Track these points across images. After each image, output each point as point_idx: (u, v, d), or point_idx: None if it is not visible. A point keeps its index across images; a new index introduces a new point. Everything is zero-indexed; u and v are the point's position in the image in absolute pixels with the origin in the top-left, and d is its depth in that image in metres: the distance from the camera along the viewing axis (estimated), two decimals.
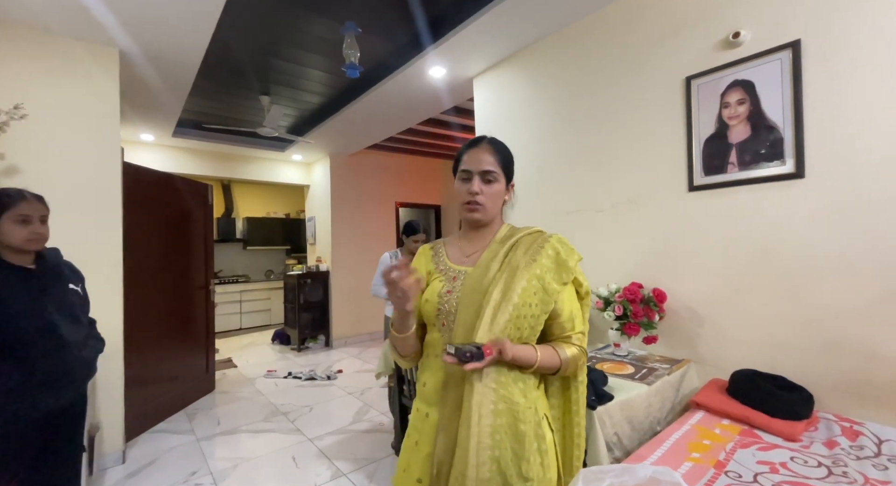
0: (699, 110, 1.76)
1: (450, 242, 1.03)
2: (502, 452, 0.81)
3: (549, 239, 0.93)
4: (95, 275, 2.32)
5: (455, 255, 0.99)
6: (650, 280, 1.92)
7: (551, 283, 0.88)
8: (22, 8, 1.99)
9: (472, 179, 0.91)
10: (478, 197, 0.91)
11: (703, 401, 1.53)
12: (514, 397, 0.84)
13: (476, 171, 0.91)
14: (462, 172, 0.93)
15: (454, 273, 0.94)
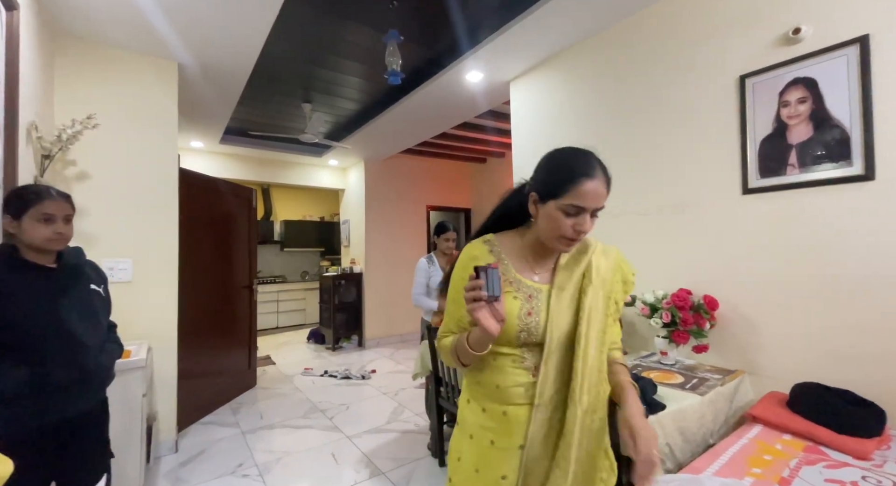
0: (755, 110, 1.69)
1: (508, 248, 0.91)
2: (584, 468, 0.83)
3: (614, 255, 0.93)
4: (155, 273, 2.49)
5: (521, 268, 0.89)
6: (699, 287, 1.85)
7: (620, 301, 0.91)
8: (96, 27, 2.16)
9: (584, 215, 0.80)
10: (582, 235, 0.82)
11: (761, 414, 1.46)
12: (598, 422, 0.85)
13: (592, 207, 0.79)
14: (570, 206, 0.79)
15: (529, 291, 0.86)
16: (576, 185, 0.78)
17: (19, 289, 1.13)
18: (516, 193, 0.95)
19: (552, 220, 0.81)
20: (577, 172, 0.80)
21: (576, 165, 0.81)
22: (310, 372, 4.18)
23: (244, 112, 3.88)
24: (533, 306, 0.85)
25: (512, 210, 0.94)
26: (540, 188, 0.84)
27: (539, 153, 0.91)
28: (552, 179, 0.82)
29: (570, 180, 0.79)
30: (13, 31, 1.50)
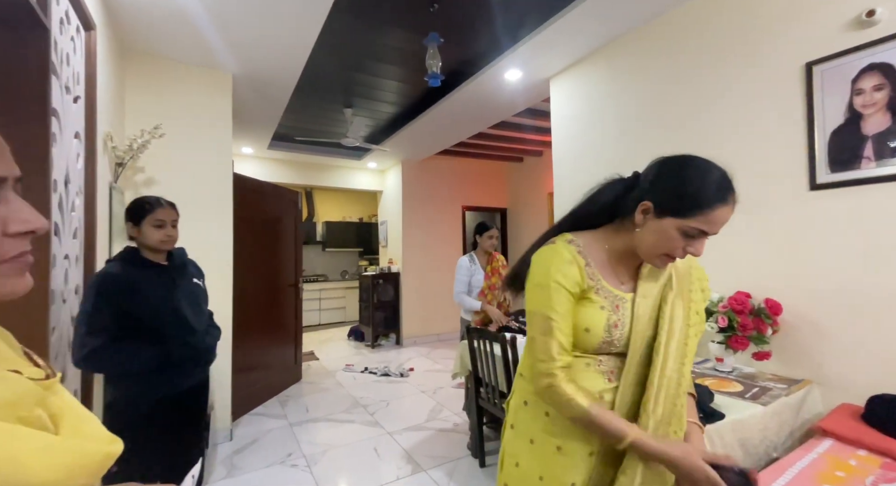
0: (823, 99, 1.57)
1: (591, 250, 0.83)
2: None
3: (688, 261, 0.88)
4: (212, 271, 2.65)
5: (609, 277, 0.83)
6: (760, 290, 1.74)
7: (702, 311, 0.87)
8: (160, 43, 2.34)
9: (703, 240, 0.74)
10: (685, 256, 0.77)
11: (832, 428, 1.35)
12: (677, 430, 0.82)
13: (714, 232, 0.73)
14: (694, 230, 0.72)
15: (615, 300, 0.81)
16: (710, 209, 0.71)
17: (144, 283, 1.34)
18: (609, 188, 0.86)
19: (664, 237, 0.74)
20: (714, 195, 0.71)
21: (714, 187, 0.72)
22: (351, 368, 4.30)
23: (290, 119, 4.06)
24: (619, 318, 0.80)
25: (601, 207, 0.85)
26: (661, 200, 0.75)
27: (581, 151, 0.90)
28: (682, 195, 0.73)
29: (704, 203, 0.71)
30: (91, 50, 1.65)
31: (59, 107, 1.35)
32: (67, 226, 1.41)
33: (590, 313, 0.79)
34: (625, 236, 0.82)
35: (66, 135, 1.42)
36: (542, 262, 0.82)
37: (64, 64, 1.39)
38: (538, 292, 0.81)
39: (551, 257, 0.81)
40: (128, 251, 1.40)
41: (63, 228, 1.37)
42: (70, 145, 1.46)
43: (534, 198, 5.64)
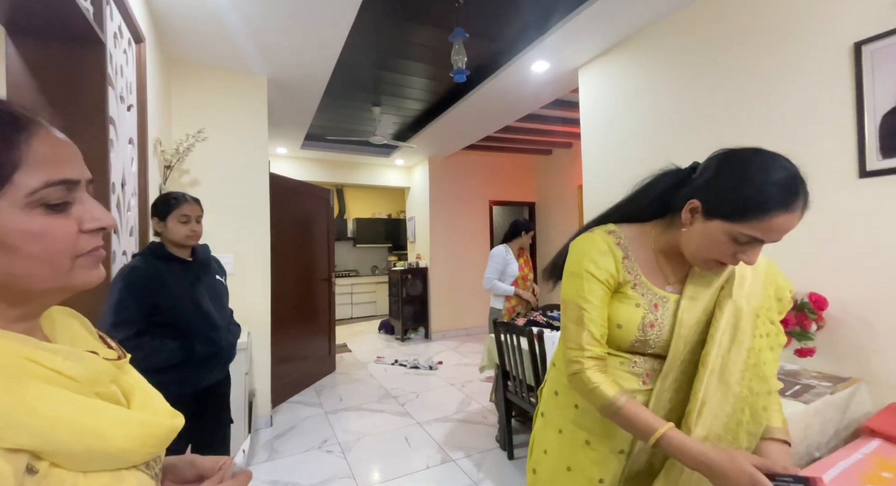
0: (874, 80, 1.47)
1: (636, 245, 0.80)
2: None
3: (764, 267, 0.80)
4: (251, 267, 2.80)
5: (652, 274, 0.79)
6: (804, 284, 1.66)
7: (777, 323, 0.78)
8: (200, 51, 2.47)
9: (757, 248, 0.67)
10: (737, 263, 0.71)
11: (880, 427, 1.28)
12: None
13: (773, 241, 0.66)
14: (745, 236, 0.66)
15: (654, 299, 0.77)
16: (767, 216, 0.63)
17: (168, 277, 1.36)
18: (661, 180, 0.80)
19: (711, 241, 0.68)
20: (775, 200, 0.63)
21: (775, 189, 0.63)
22: (382, 360, 4.42)
23: (321, 119, 4.18)
24: (657, 318, 0.76)
25: (651, 200, 0.80)
26: (710, 199, 0.68)
27: (611, 142, 0.86)
28: (736, 197, 0.65)
29: (761, 209, 0.63)
30: (142, 61, 1.78)
31: (115, 115, 1.47)
32: (125, 225, 1.54)
33: (624, 308, 0.76)
34: (674, 234, 0.76)
35: (122, 141, 1.54)
36: (576, 251, 0.80)
37: (118, 75, 1.51)
38: (571, 280, 0.79)
39: (586, 246, 0.79)
40: (153, 246, 1.41)
41: (121, 227, 1.50)
42: (125, 150, 1.59)
43: (563, 191, 5.55)
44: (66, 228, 0.40)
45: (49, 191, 0.38)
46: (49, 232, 0.39)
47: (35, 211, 0.38)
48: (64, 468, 0.36)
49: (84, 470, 0.37)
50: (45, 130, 0.40)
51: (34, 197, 0.37)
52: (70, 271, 0.41)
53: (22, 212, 0.37)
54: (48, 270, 0.39)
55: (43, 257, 0.38)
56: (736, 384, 0.72)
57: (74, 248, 0.41)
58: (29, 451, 0.34)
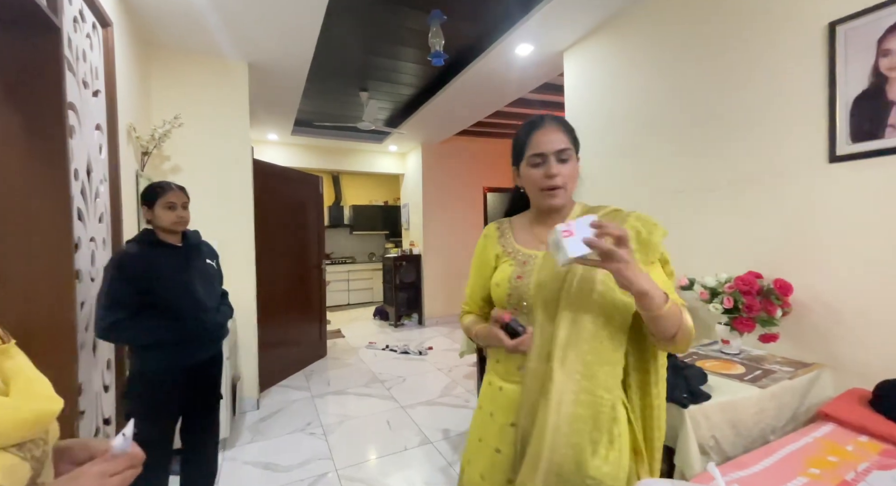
0: (847, 62, 1.43)
1: (519, 225, 0.99)
2: (580, 440, 0.78)
3: (627, 218, 0.86)
4: (235, 253, 2.81)
5: (526, 239, 0.95)
6: (774, 270, 1.65)
7: (648, 268, 0.82)
8: (178, 37, 2.44)
9: (548, 161, 0.85)
10: (557, 179, 0.85)
11: (834, 412, 1.29)
12: (597, 391, 0.80)
13: (550, 152, 0.85)
14: (533, 157, 0.87)
15: (524, 257, 0.91)
16: (529, 138, 0.88)
17: (159, 262, 1.44)
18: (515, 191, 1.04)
19: (528, 178, 0.90)
20: (527, 128, 0.90)
21: (527, 125, 0.91)
22: (373, 346, 4.48)
23: (309, 104, 4.14)
24: (524, 271, 0.89)
25: (519, 197, 1.02)
26: (513, 160, 0.95)
27: (594, 127, 0.93)
28: (516, 145, 0.93)
29: (525, 137, 0.90)
30: (109, 46, 1.77)
31: (77, 101, 1.46)
32: (92, 211, 1.55)
33: (500, 271, 0.94)
34: (532, 202, 0.97)
35: (87, 127, 1.54)
36: (478, 242, 1.06)
37: (80, 60, 1.50)
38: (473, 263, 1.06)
39: (480, 239, 1.04)
40: (145, 233, 1.50)
41: (87, 214, 1.51)
42: (91, 137, 1.59)
43: None
44: None
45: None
46: None
47: None
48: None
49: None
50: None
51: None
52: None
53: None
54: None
55: None
56: (590, 323, 0.81)
57: None
58: None
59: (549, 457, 0.78)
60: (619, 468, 0.80)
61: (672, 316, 0.73)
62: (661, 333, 0.75)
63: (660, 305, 0.71)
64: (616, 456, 0.80)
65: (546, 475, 0.78)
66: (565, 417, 0.78)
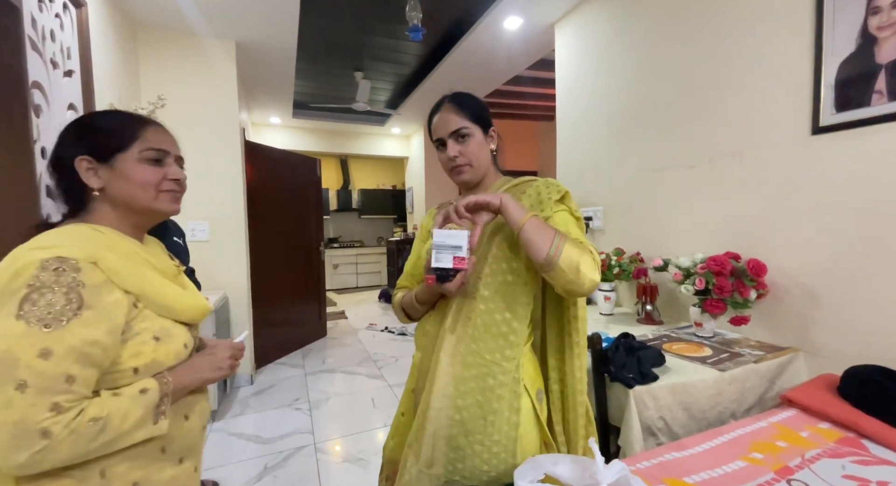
0: (834, 24, 1.31)
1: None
2: (466, 403, 0.80)
3: (532, 183, 0.89)
4: (227, 233, 2.87)
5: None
6: (752, 250, 1.57)
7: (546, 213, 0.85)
8: (163, 15, 2.46)
9: (447, 143, 0.90)
10: (458, 159, 0.89)
11: (798, 398, 1.23)
12: (485, 354, 0.82)
13: (446, 135, 0.90)
14: (436, 142, 0.92)
15: None
16: (431, 125, 0.94)
17: None
18: None
19: (440, 162, 0.94)
20: (430, 115, 0.94)
21: (430, 111, 0.94)
22: (373, 327, 4.55)
23: (306, 86, 4.14)
24: None
25: None
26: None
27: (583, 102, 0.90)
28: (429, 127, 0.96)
29: (429, 124, 0.94)
30: (83, 25, 1.79)
31: (45, 80, 1.49)
32: None
33: (426, 244, 0.97)
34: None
35: (56, 107, 1.58)
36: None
37: (48, 40, 1.53)
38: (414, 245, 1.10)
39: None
40: None
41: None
42: (63, 116, 1.63)
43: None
44: (156, 174, 0.72)
45: (149, 152, 0.71)
46: (146, 174, 0.70)
47: (143, 162, 0.71)
48: (149, 311, 0.68)
49: (159, 315, 0.69)
50: (154, 126, 0.74)
51: (142, 155, 0.70)
52: (155, 198, 0.72)
53: (136, 162, 0.70)
54: (144, 194, 0.71)
55: (142, 186, 0.70)
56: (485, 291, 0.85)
57: (159, 184, 0.72)
58: (133, 294, 0.66)
59: (436, 418, 0.79)
60: (513, 440, 0.79)
61: (535, 235, 0.74)
62: (532, 254, 0.75)
63: (516, 220, 0.75)
64: (510, 431, 0.79)
65: (434, 438, 0.79)
66: (451, 378, 0.82)
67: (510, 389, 0.81)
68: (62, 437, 0.54)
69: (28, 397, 0.53)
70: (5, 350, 0.54)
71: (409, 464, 0.84)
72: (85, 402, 0.58)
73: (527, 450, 0.81)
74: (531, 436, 0.83)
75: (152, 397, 0.63)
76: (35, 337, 0.54)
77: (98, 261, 0.61)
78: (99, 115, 0.74)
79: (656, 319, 1.87)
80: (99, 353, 0.59)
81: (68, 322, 0.56)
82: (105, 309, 0.60)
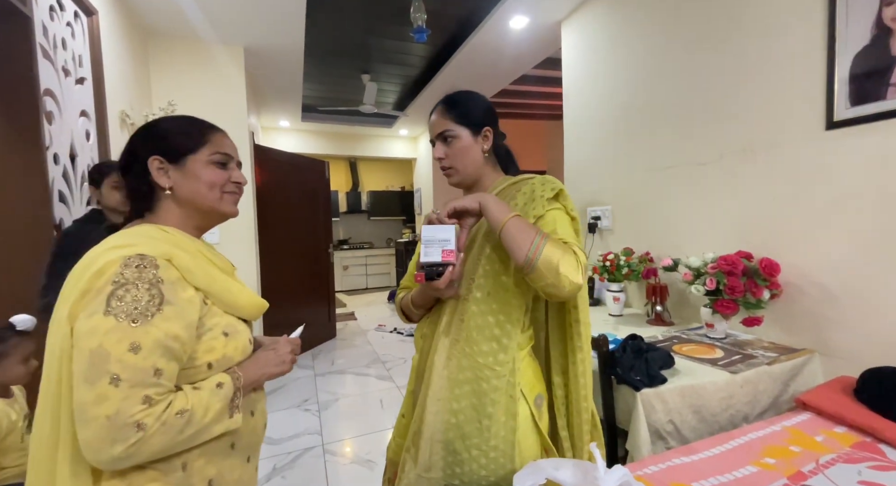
0: (848, 16, 1.27)
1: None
2: (461, 406, 0.80)
3: (528, 181, 0.87)
4: (236, 235, 2.91)
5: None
6: (765, 249, 1.53)
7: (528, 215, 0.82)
8: (173, 23, 2.50)
9: (435, 145, 0.91)
10: (443, 162, 0.90)
11: (812, 401, 1.19)
12: (478, 357, 0.81)
13: (434, 137, 0.91)
14: (430, 144, 0.94)
15: None
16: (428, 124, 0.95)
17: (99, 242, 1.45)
18: None
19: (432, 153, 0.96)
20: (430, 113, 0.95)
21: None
22: (382, 328, 4.56)
23: (314, 89, 4.18)
24: None
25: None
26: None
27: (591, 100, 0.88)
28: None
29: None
30: (94, 34, 1.83)
31: (57, 88, 1.53)
32: (76, 195, 1.64)
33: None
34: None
35: (69, 113, 1.62)
36: None
37: (59, 48, 1.57)
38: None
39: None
40: (91, 213, 1.46)
41: (71, 197, 1.59)
42: (75, 123, 1.66)
43: None
44: (222, 175, 0.74)
45: (216, 156, 0.73)
46: (214, 175, 0.73)
47: (210, 165, 0.73)
48: (216, 307, 0.70)
49: (225, 311, 0.72)
50: (221, 132, 0.77)
51: (211, 158, 0.73)
52: (220, 199, 0.74)
53: (205, 164, 0.72)
54: (211, 194, 0.73)
55: (209, 186, 0.72)
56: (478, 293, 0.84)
57: (224, 186, 0.74)
58: (203, 291, 0.68)
59: (432, 422, 0.79)
60: (510, 445, 0.78)
61: (515, 236, 0.72)
62: (512, 256, 0.74)
63: (497, 220, 0.74)
64: (508, 435, 0.78)
65: (431, 442, 0.78)
66: (446, 381, 0.81)
67: (505, 393, 0.79)
68: (154, 429, 0.56)
69: (122, 391, 0.54)
70: (98, 346, 0.55)
71: (407, 468, 0.84)
72: (171, 395, 0.60)
73: (525, 456, 0.80)
74: (530, 442, 0.81)
75: (227, 391, 0.65)
76: (124, 332, 0.56)
77: (172, 258, 0.63)
78: (170, 119, 0.76)
79: (666, 320, 1.83)
80: (179, 347, 0.61)
81: (153, 317, 0.58)
82: (182, 305, 0.62)
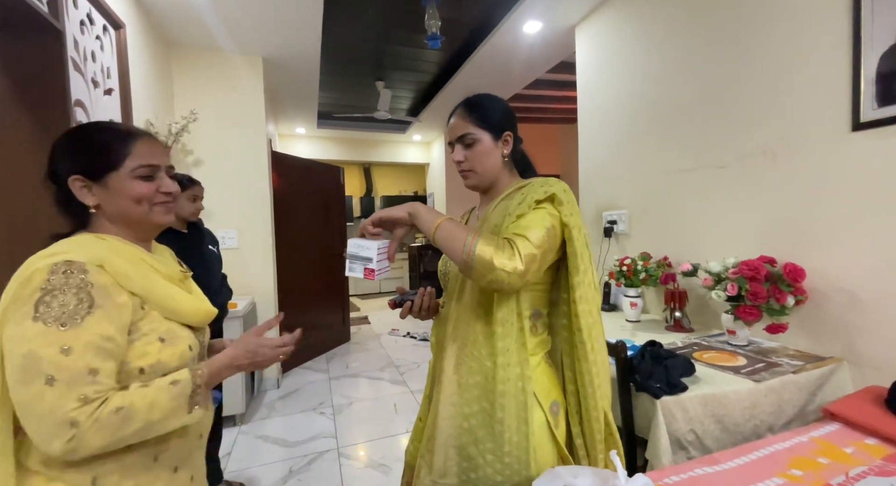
0: (873, 15, 1.24)
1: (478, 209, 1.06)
2: (473, 410, 0.80)
3: (530, 184, 0.86)
4: (254, 240, 2.97)
5: (472, 221, 1.04)
6: (788, 254, 1.49)
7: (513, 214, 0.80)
8: (194, 35, 2.58)
9: (455, 149, 0.92)
10: (462, 165, 0.91)
11: (841, 411, 1.15)
12: (484, 361, 0.81)
13: (453, 139, 0.92)
14: (448, 147, 0.96)
15: None
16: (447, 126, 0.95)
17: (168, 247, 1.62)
18: None
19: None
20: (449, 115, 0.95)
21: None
22: (395, 333, 4.58)
23: (330, 97, 4.24)
24: None
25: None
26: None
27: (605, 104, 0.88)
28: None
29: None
30: (122, 46, 1.90)
31: (87, 99, 1.59)
32: None
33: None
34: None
35: None
36: None
37: (89, 60, 1.63)
38: None
39: None
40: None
41: None
42: None
43: None
44: (148, 188, 0.72)
45: (140, 170, 0.71)
46: (139, 189, 0.71)
47: (135, 180, 0.71)
48: (155, 313, 0.70)
49: (165, 317, 0.72)
50: (144, 138, 0.73)
51: (134, 172, 0.71)
52: (150, 212, 0.73)
53: (129, 179, 0.70)
54: (139, 208, 0.72)
55: (136, 201, 0.71)
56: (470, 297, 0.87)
57: (152, 198, 0.73)
58: (140, 296, 0.68)
59: (446, 427, 0.79)
60: (525, 451, 0.77)
61: (447, 241, 0.74)
62: (451, 259, 0.75)
63: (426, 229, 0.76)
64: (521, 441, 0.77)
65: (445, 447, 0.78)
66: (456, 385, 0.82)
67: (514, 398, 0.78)
68: (87, 426, 0.57)
69: (57, 390, 0.57)
70: (28, 351, 0.57)
71: (422, 475, 0.84)
72: (111, 393, 0.61)
73: (542, 463, 0.78)
74: (546, 449, 0.80)
75: (184, 387, 0.66)
76: (54, 336, 0.58)
77: (104, 264, 0.64)
78: (88, 129, 0.73)
79: (686, 326, 1.79)
80: (115, 347, 0.62)
81: (82, 320, 0.60)
82: (114, 309, 0.63)
